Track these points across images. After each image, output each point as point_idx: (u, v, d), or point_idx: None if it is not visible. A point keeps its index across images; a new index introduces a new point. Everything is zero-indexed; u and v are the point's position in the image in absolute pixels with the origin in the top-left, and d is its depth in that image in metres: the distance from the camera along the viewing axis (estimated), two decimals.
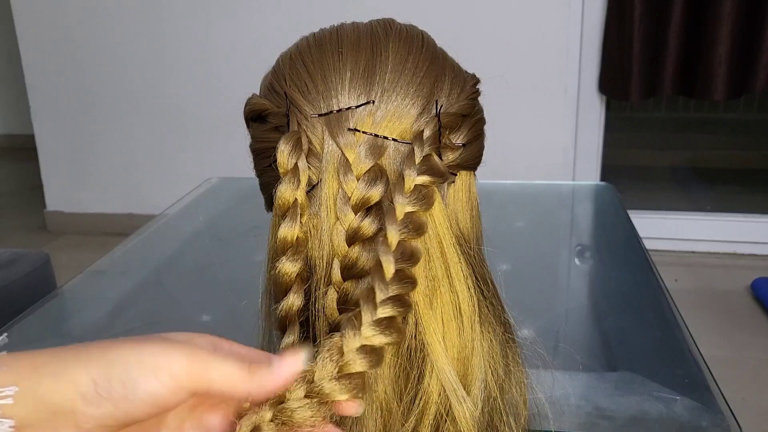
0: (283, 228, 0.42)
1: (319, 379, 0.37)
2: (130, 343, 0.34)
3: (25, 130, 3.12)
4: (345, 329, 0.38)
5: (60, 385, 0.32)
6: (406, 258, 0.40)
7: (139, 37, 2.55)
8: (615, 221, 1.31)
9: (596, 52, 2.32)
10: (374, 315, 0.38)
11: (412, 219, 0.41)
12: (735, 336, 1.91)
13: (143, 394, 0.33)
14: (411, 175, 0.42)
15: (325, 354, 0.37)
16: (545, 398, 0.49)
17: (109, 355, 0.33)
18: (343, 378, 0.37)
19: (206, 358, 0.34)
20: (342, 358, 0.37)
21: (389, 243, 0.40)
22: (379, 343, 0.38)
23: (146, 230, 1.30)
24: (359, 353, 0.37)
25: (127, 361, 0.33)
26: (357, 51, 0.45)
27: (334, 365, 0.37)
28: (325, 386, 0.36)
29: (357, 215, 0.42)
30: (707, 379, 0.73)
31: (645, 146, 3.61)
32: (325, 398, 0.36)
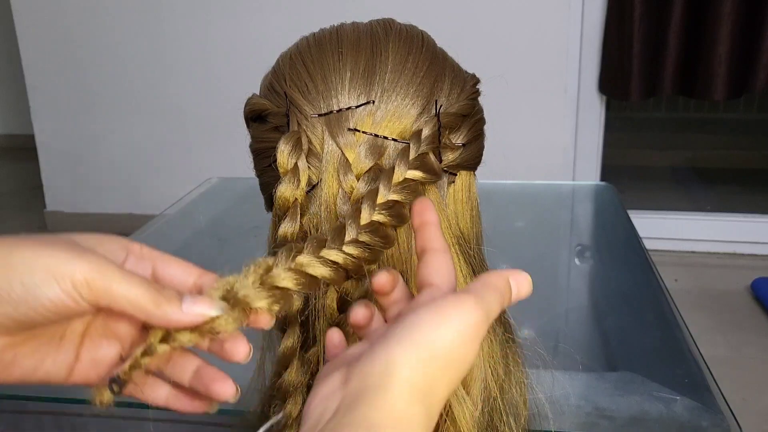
0: (283, 228, 0.42)
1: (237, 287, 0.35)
2: (35, 244, 0.33)
3: (25, 130, 3.12)
4: (280, 253, 0.37)
5: None
6: (377, 235, 0.40)
7: (139, 37, 2.55)
8: (615, 221, 1.31)
9: (596, 52, 2.32)
10: (317, 252, 0.37)
11: (394, 207, 0.41)
12: (735, 336, 1.91)
13: (44, 299, 0.32)
14: (401, 168, 0.42)
15: (250, 268, 0.36)
16: (545, 398, 0.49)
17: (12, 256, 0.32)
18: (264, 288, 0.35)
19: (111, 274, 0.33)
20: (267, 273, 0.36)
21: (361, 217, 0.40)
22: (313, 273, 0.37)
23: (146, 230, 1.30)
24: (288, 272, 0.36)
25: (30, 263, 0.32)
26: (357, 51, 0.45)
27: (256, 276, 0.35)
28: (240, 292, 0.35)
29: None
30: (707, 379, 0.73)
31: (645, 146, 3.61)
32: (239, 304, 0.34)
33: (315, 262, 0.37)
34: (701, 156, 3.53)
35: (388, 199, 0.41)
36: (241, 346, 0.36)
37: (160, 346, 0.34)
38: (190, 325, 0.34)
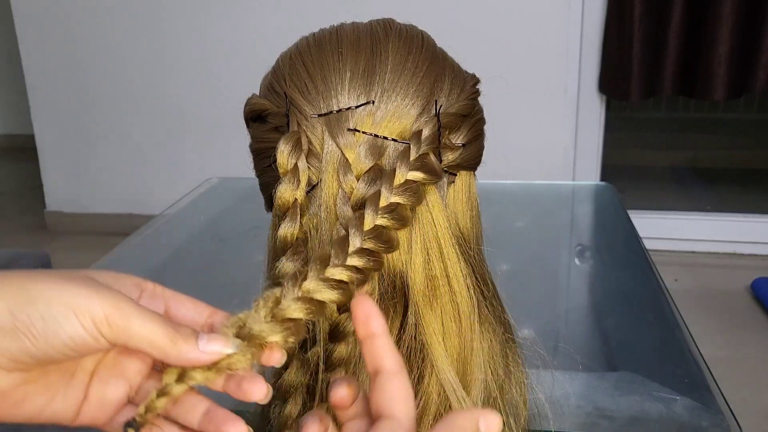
0: (282, 228, 0.42)
1: (250, 323, 0.35)
2: (54, 279, 0.33)
3: (25, 130, 3.12)
4: (286, 282, 0.37)
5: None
6: (380, 241, 0.40)
7: (139, 37, 2.55)
8: (615, 221, 1.31)
9: (596, 52, 2.32)
10: (322, 274, 0.37)
11: (396, 209, 0.41)
12: (735, 336, 1.91)
13: (64, 335, 0.31)
14: (402, 170, 0.42)
15: (260, 301, 0.36)
16: (545, 398, 0.49)
17: (32, 290, 0.32)
18: (275, 322, 0.35)
19: (130, 312, 0.33)
20: (277, 306, 0.36)
21: (364, 223, 0.40)
22: (320, 298, 0.37)
23: (146, 230, 1.30)
24: (297, 301, 0.36)
25: (50, 298, 0.32)
26: (357, 51, 0.45)
27: (267, 311, 0.35)
28: (254, 328, 0.35)
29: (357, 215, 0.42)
30: (707, 379, 0.73)
31: (645, 146, 3.61)
32: (253, 340, 0.35)
33: (322, 287, 0.37)
34: (701, 156, 3.53)
35: (391, 202, 0.41)
36: (259, 385, 0.35)
37: (177, 386, 0.34)
38: (206, 363, 0.34)
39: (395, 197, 0.41)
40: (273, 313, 0.36)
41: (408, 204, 0.41)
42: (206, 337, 0.34)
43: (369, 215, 0.40)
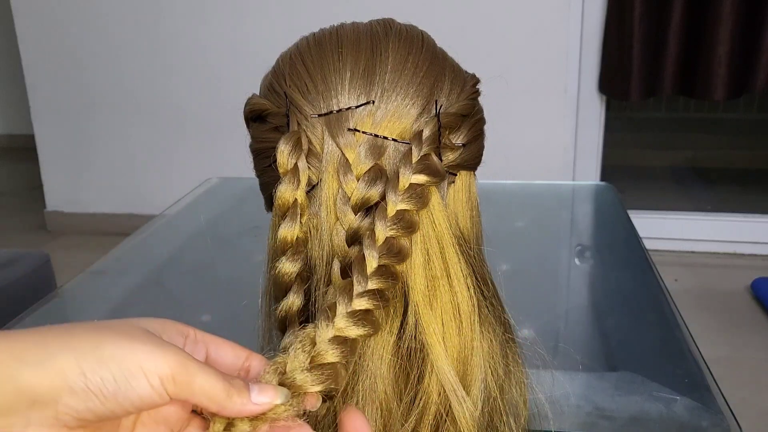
0: (282, 228, 0.42)
1: (291, 370, 0.36)
2: (120, 338, 0.33)
3: (25, 130, 3.13)
4: (319, 320, 0.38)
5: (46, 374, 0.31)
6: (392, 254, 0.41)
7: (139, 38, 2.55)
8: (615, 221, 1.31)
9: (596, 52, 2.32)
10: (349, 307, 0.38)
11: (404, 217, 0.41)
12: (735, 336, 1.91)
13: (134, 395, 0.32)
14: (406, 174, 0.42)
15: (297, 345, 0.37)
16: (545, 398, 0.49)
17: (103, 351, 0.32)
18: (315, 369, 0.37)
19: (194, 369, 0.34)
20: (314, 348, 0.37)
21: (376, 238, 0.41)
22: (352, 335, 0.38)
23: (146, 230, 1.30)
24: (331, 344, 0.37)
25: (121, 358, 0.32)
26: (357, 51, 0.45)
27: (306, 356, 0.37)
28: (297, 377, 0.36)
29: (357, 215, 0.42)
30: (707, 379, 0.73)
31: (645, 146, 3.61)
32: (297, 390, 0.36)
33: (350, 325, 0.38)
34: (701, 156, 3.53)
35: (398, 210, 0.41)
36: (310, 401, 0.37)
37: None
38: (258, 414, 0.35)
39: (401, 204, 0.41)
40: (311, 358, 0.37)
41: (414, 209, 0.42)
42: (257, 389, 0.36)
43: (380, 229, 0.41)
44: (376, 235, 0.41)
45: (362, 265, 0.40)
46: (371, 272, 0.40)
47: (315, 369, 0.37)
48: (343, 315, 0.38)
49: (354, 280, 0.39)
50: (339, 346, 0.37)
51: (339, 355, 0.37)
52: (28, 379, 0.30)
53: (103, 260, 1.17)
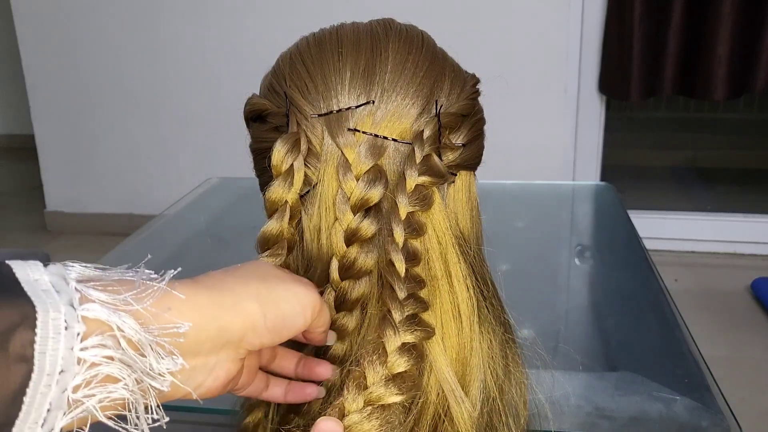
0: (266, 226, 0.43)
1: (371, 384, 0.38)
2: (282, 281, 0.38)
3: (25, 130, 3.12)
4: (383, 330, 0.40)
5: (237, 317, 0.35)
6: (410, 258, 0.41)
7: (139, 37, 2.55)
8: (615, 221, 1.31)
9: (596, 52, 2.32)
10: (403, 313, 0.40)
11: (413, 219, 0.42)
12: (735, 336, 1.91)
13: (293, 328, 0.38)
14: (412, 176, 0.42)
15: (372, 357, 0.39)
16: (545, 398, 0.49)
17: (275, 294, 0.37)
18: (393, 380, 0.38)
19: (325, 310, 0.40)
20: (388, 359, 0.39)
21: (397, 241, 0.41)
22: (415, 339, 0.40)
23: (146, 230, 1.30)
24: (401, 352, 0.39)
25: (290, 300, 0.38)
26: (357, 51, 0.45)
27: (382, 366, 0.39)
28: (377, 392, 0.38)
29: (356, 215, 0.42)
30: (707, 379, 0.73)
31: (645, 146, 3.61)
32: (379, 402, 0.38)
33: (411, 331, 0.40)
34: (701, 156, 3.53)
35: (408, 212, 0.42)
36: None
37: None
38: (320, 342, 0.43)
39: (410, 206, 0.42)
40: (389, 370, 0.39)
41: (421, 211, 0.42)
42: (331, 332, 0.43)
43: (398, 233, 0.41)
44: (395, 238, 0.41)
45: (395, 270, 0.41)
46: (403, 276, 0.41)
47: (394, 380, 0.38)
48: (401, 322, 0.40)
49: (395, 287, 0.41)
50: (406, 353, 0.39)
51: (408, 363, 0.39)
52: (225, 322, 0.35)
53: (103, 260, 1.17)
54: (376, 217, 0.42)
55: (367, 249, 0.42)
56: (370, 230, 0.42)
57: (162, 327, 0.32)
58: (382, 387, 0.38)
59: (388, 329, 0.39)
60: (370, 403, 0.37)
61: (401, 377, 0.38)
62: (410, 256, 0.41)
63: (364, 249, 0.42)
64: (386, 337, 0.39)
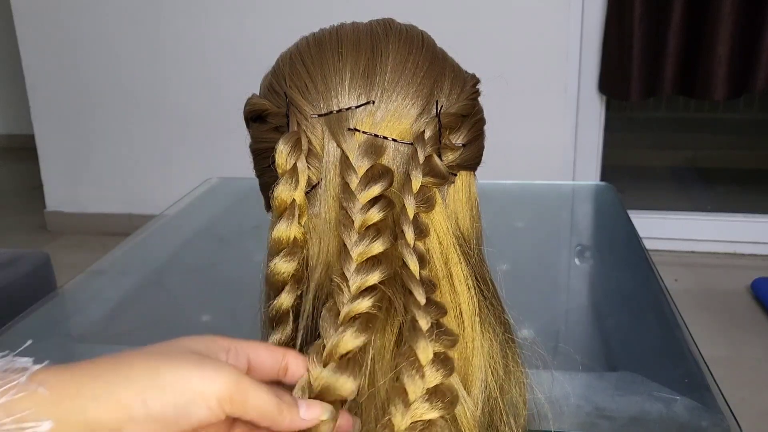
0: (277, 228, 0.42)
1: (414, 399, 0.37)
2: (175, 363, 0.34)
3: (25, 130, 3.12)
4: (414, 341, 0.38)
5: (109, 407, 0.32)
6: (420, 260, 0.41)
7: (139, 37, 2.55)
8: (615, 221, 1.31)
9: (596, 52, 2.32)
10: (428, 321, 0.39)
11: (419, 221, 0.42)
12: (735, 336, 1.91)
13: (194, 419, 0.33)
14: (417, 176, 0.42)
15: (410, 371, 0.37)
16: (545, 398, 0.49)
17: (162, 379, 0.33)
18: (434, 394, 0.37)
19: (247, 387, 0.35)
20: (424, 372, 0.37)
21: (409, 243, 0.40)
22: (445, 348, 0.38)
23: (146, 230, 1.30)
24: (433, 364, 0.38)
25: (181, 387, 0.33)
26: (357, 51, 0.45)
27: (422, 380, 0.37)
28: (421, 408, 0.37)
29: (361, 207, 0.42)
30: (707, 379, 0.73)
31: (645, 146, 3.61)
32: (424, 417, 0.37)
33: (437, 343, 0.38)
34: (701, 156, 3.53)
35: (415, 213, 0.41)
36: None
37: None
38: (306, 427, 0.37)
39: (417, 208, 0.42)
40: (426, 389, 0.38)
41: (424, 212, 0.42)
42: (305, 405, 0.37)
43: (409, 234, 0.41)
44: (407, 240, 0.41)
45: (410, 272, 0.40)
46: (419, 277, 0.40)
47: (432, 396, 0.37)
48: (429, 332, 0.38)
49: (414, 292, 0.39)
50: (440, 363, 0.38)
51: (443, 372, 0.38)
52: (93, 415, 0.32)
53: (103, 260, 1.17)
54: (381, 204, 0.42)
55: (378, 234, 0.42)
56: (377, 216, 0.42)
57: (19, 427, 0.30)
58: (425, 402, 0.37)
59: (420, 340, 0.38)
60: (417, 420, 0.37)
61: (440, 390, 0.37)
62: (419, 258, 0.41)
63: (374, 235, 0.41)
64: (419, 349, 0.38)
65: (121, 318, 1.02)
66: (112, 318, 1.01)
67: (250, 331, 0.49)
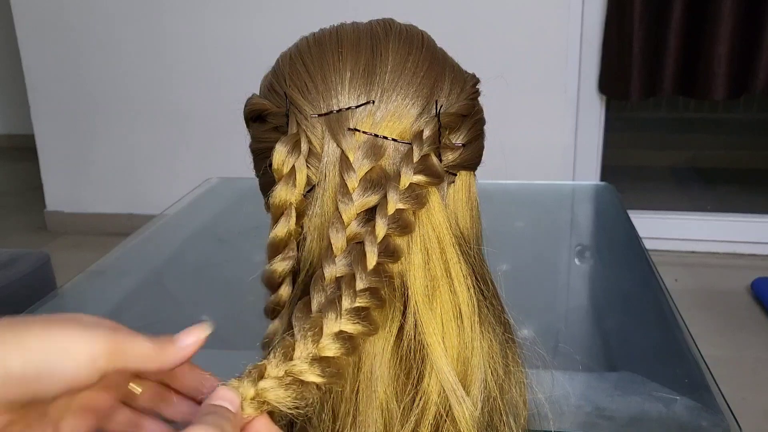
0: (275, 230, 0.43)
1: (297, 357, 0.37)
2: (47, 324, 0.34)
3: (25, 130, 3.13)
4: (326, 311, 0.39)
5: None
6: (387, 254, 0.41)
7: (139, 38, 2.55)
8: (615, 221, 1.31)
9: (596, 52, 2.32)
10: (353, 303, 0.39)
11: (401, 217, 0.41)
12: (735, 336, 1.91)
13: (60, 376, 0.33)
14: (407, 174, 0.42)
15: (307, 333, 0.38)
16: (545, 398, 0.49)
17: (26, 340, 0.32)
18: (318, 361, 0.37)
19: (123, 338, 0.35)
20: (321, 340, 0.38)
21: (376, 235, 0.41)
22: (354, 331, 0.39)
23: (146, 230, 1.30)
24: (335, 339, 0.38)
25: (46, 345, 0.33)
26: (357, 51, 0.45)
27: (313, 345, 0.38)
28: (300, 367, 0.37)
29: (357, 216, 0.42)
30: (707, 379, 0.73)
31: (645, 146, 3.61)
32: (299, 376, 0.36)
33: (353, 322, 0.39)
34: (701, 156, 3.53)
35: (397, 209, 0.41)
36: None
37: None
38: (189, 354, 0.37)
39: (400, 203, 0.41)
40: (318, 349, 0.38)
41: (411, 209, 0.42)
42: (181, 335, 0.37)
43: (380, 226, 0.41)
44: (376, 231, 0.41)
45: (364, 262, 0.40)
46: (370, 270, 0.40)
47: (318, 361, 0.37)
48: (347, 310, 0.39)
49: (356, 276, 0.40)
50: (342, 342, 0.38)
51: (341, 349, 0.38)
52: None
53: (103, 260, 1.17)
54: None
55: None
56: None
57: None
58: (306, 364, 0.37)
59: (331, 312, 0.38)
60: (290, 375, 0.37)
61: (327, 361, 0.37)
62: (388, 252, 0.41)
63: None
64: (326, 319, 0.38)
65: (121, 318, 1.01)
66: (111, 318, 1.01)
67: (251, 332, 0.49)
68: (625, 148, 3.40)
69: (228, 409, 0.34)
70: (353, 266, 0.40)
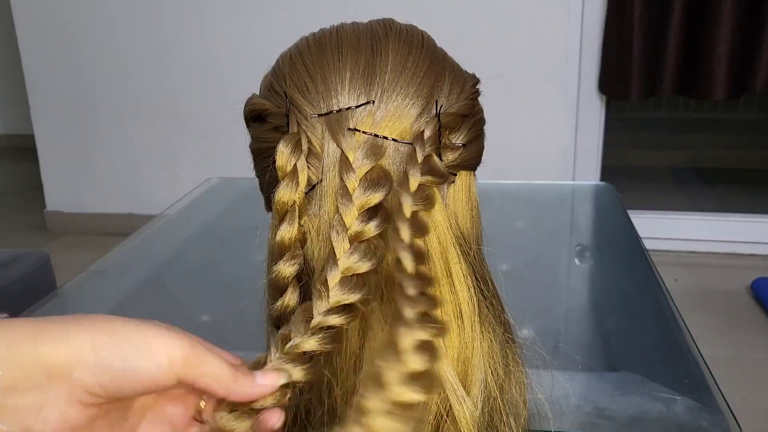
0: (280, 231, 0.42)
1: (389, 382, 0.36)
2: (135, 322, 0.35)
3: (25, 130, 3.12)
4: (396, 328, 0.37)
5: (61, 347, 0.32)
6: (417, 257, 0.40)
7: (140, 37, 2.55)
8: (615, 221, 1.31)
9: (596, 52, 2.32)
10: (414, 310, 0.37)
11: (418, 218, 0.41)
12: (735, 336, 1.91)
13: (142, 372, 0.33)
14: (415, 175, 0.42)
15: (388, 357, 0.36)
16: (545, 398, 0.49)
17: (116, 330, 0.33)
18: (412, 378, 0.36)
19: (203, 352, 0.35)
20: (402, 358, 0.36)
21: (403, 239, 0.39)
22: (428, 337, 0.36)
23: (146, 230, 1.30)
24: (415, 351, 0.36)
25: (132, 338, 0.33)
26: (357, 51, 0.45)
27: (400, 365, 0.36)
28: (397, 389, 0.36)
29: (358, 215, 0.42)
30: (707, 379, 0.73)
31: (645, 146, 3.61)
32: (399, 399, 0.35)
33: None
34: (701, 156, 3.53)
35: (413, 211, 0.40)
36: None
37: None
38: (261, 396, 0.37)
39: (415, 206, 0.41)
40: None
41: (425, 210, 0.42)
42: (260, 372, 0.37)
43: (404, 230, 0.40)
44: (401, 235, 0.40)
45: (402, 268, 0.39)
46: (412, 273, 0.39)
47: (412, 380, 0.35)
48: (414, 319, 0.37)
49: (405, 285, 0.39)
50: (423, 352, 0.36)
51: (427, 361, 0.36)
52: (44, 352, 0.31)
53: (103, 260, 1.17)
54: (378, 216, 0.42)
55: (369, 251, 0.42)
56: (374, 231, 0.42)
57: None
58: (401, 385, 0.35)
59: (400, 327, 0.37)
60: (391, 402, 0.36)
61: (419, 376, 0.36)
62: (416, 254, 0.41)
63: (366, 251, 0.42)
64: (399, 335, 0.36)
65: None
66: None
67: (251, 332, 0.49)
68: (625, 148, 3.40)
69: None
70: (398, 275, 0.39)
